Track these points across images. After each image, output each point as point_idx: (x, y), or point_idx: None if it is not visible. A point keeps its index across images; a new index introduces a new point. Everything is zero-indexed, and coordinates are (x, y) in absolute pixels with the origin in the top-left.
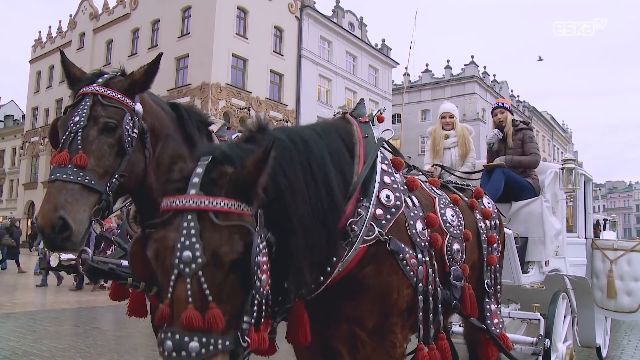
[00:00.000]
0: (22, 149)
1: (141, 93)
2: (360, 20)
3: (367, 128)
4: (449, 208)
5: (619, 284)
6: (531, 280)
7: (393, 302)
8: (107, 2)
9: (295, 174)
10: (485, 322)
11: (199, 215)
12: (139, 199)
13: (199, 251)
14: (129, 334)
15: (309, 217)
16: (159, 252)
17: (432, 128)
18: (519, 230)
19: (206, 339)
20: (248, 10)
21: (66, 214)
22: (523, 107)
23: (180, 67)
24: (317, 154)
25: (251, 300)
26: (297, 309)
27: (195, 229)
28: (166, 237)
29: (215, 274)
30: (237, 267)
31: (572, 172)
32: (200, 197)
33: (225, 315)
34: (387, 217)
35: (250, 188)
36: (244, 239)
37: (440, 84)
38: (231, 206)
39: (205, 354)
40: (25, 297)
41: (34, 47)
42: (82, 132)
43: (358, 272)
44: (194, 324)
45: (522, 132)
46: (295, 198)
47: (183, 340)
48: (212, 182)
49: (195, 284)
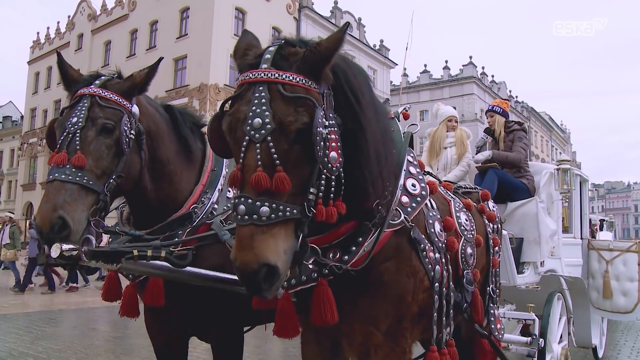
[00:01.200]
0: (21, 150)
1: (139, 95)
2: (358, 21)
3: (393, 123)
4: (463, 212)
5: (615, 285)
6: (526, 281)
7: (407, 305)
8: (105, 3)
9: (364, 82)
10: (490, 327)
11: (269, 86)
12: (133, 201)
13: (269, 118)
14: (126, 335)
15: (375, 123)
16: (231, 124)
17: (432, 129)
18: (514, 231)
19: (275, 205)
20: (246, 11)
21: (65, 213)
22: (521, 107)
23: (179, 68)
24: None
25: (318, 174)
26: (322, 285)
27: (265, 99)
28: (239, 110)
29: (281, 141)
30: (302, 138)
31: (567, 173)
32: (271, 70)
33: (292, 185)
34: (412, 205)
35: (321, 67)
36: (308, 111)
37: (439, 84)
38: (299, 81)
39: (274, 218)
40: (22, 298)
41: (32, 49)
42: (80, 133)
43: (379, 264)
44: (262, 183)
45: (513, 133)
46: (361, 101)
47: (255, 204)
48: (284, 59)
49: (264, 149)
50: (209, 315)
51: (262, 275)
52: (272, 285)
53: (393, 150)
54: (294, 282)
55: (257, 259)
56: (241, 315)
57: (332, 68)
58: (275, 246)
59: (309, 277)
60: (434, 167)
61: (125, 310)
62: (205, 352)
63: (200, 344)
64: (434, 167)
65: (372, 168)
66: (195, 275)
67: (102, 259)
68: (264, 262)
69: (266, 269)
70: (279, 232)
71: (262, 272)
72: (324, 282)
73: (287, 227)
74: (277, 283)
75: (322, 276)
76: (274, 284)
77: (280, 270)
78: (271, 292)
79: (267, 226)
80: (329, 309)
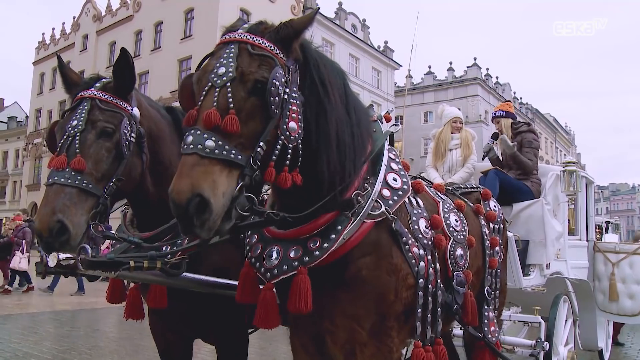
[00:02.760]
0: (25, 151)
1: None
2: (363, 22)
3: (375, 125)
4: (453, 213)
5: (621, 287)
6: (532, 283)
7: (389, 303)
8: (110, 4)
9: (335, 75)
10: (482, 330)
11: (239, 45)
12: (136, 203)
13: (232, 68)
14: (130, 336)
15: (343, 114)
16: (199, 76)
17: (437, 130)
18: (519, 232)
19: (222, 142)
20: (251, 12)
21: (64, 217)
22: (526, 109)
23: (183, 69)
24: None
25: (274, 138)
26: (301, 274)
27: (234, 54)
28: (209, 64)
29: (239, 89)
30: (260, 92)
31: (573, 175)
32: (244, 33)
33: (242, 134)
34: (394, 199)
35: (290, 40)
36: (269, 68)
37: (443, 86)
38: (268, 46)
39: (217, 154)
40: (27, 299)
41: (37, 49)
42: (80, 136)
43: (357, 259)
44: (211, 120)
45: (521, 135)
46: (328, 89)
47: (202, 136)
48: (258, 29)
49: (222, 93)
50: (213, 317)
51: (194, 205)
52: (204, 221)
53: (366, 144)
54: (276, 272)
55: (191, 188)
56: (245, 317)
57: (304, 53)
58: (212, 182)
59: (290, 266)
60: (439, 168)
61: (129, 312)
62: (209, 354)
63: (205, 345)
64: (439, 169)
65: (331, 154)
66: (193, 281)
67: (100, 268)
68: (197, 191)
69: (199, 199)
70: (221, 171)
71: (194, 201)
72: (304, 270)
73: (230, 172)
74: (209, 221)
75: (268, 224)
76: (206, 221)
77: (213, 207)
78: (204, 230)
79: (210, 161)
80: (304, 297)
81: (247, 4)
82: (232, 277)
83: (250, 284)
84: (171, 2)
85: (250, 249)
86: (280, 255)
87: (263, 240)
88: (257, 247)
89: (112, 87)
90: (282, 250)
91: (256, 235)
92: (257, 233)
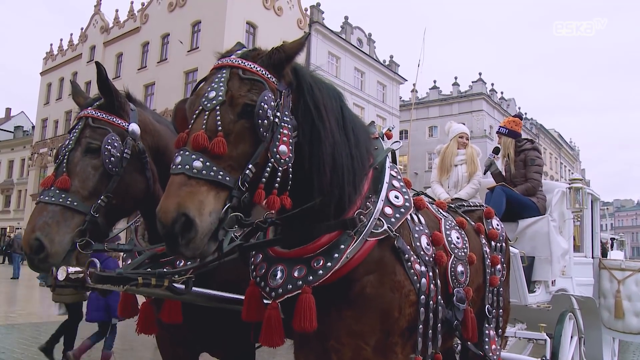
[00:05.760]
0: (31, 160)
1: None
2: (368, 37)
3: (377, 142)
4: (455, 230)
5: (627, 305)
6: (538, 300)
7: (394, 319)
8: (117, 16)
9: (330, 99)
10: (483, 348)
11: (231, 70)
12: (149, 217)
13: (222, 92)
14: (133, 347)
15: (339, 136)
16: (192, 100)
17: (443, 146)
18: (525, 249)
19: (210, 163)
20: (257, 26)
21: (42, 235)
22: (530, 124)
23: (189, 81)
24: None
25: (264, 161)
26: (305, 293)
27: (225, 78)
28: (201, 88)
29: (228, 112)
30: (249, 114)
31: (579, 192)
32: (237, 58)
33: (231, 156)
34: (396, 216)
35: (282, 65)
36: (259, 91)
37: (448, 100)
38: (259, 70)
39: (205, 175)
40: (30, 308)
41: (45, 60)
42: (68, 155)
43: (361, 277)
44: (199, 142)
45: (524, 152)
46: (322, 113)
47: (190, 157)
48: (251, 54)
49: (212, 116)
50: (220, 331)
51: (179, 224)
52: (189, 241)
53: (367, 164)
54: (280, 292)
55: (177, 207)
56: (252, 331)
57: (298, 77)
58: (199, 202)
59: (295, 285)
60: (444, 184)
61: (142, 327)
62: None
63: (211, 358)
64: (444, 184)
65: (324, 178)
66: (200, 296)
67: (108, 283)
68: (183, 211)
69: (184, 219)
70: (208, 192)
71: (180, 221)
72: (308, 289)
73: (218, 193)
74: (195, 241)
75: (272, 244)
76: (191, 240)
77: (198, 226)
78: (188, 249)
79: (197, 181)
80: (308, 316)
81: (253, 17)
82: (243, 293)
83: (255, 302)
84: (178, 14)
85: (255, 268)
86: (285, 275)
87: (267, 260)
88: (262, 267)
89: (104, 104)
90: (286, 270)
91: (261, 254)
92: (261, 252)
